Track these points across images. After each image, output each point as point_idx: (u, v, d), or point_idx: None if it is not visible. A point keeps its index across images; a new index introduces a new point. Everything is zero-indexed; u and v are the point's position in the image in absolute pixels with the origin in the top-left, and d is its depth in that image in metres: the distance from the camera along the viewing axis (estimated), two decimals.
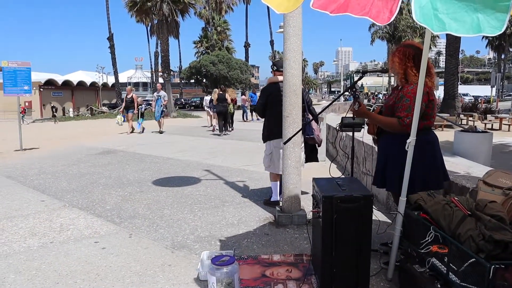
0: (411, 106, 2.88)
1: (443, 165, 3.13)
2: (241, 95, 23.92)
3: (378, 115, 3.27)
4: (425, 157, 2.97)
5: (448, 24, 1.83)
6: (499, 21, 1.76)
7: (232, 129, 15.81)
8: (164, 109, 15.17)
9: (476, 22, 1.79)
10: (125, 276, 3.20)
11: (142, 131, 14.97)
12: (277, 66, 4.96)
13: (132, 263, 3.45)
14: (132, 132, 14.93)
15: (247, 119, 21.83)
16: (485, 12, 1.79)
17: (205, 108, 18.59)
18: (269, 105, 4.88)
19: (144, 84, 62.63)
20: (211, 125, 16.16)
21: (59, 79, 38.88)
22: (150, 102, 15.87)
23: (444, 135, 11.97)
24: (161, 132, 14.76)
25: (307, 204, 4.87)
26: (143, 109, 15.64)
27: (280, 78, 4.76)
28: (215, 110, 14.45)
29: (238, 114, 22.84)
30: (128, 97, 14.93)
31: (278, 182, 4.99)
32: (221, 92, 14.57)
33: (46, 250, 3.76)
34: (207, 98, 18.80)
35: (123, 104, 15.17)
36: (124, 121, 15.11)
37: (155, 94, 15.33)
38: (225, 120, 14.49)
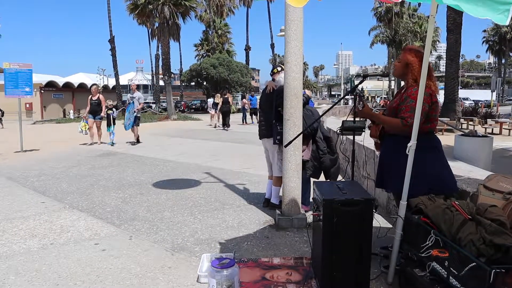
0: (415, 107, 2.89)
1: (449, 169, 3.11)
2: (242, 99, 23.80)
3: (381, 115, 3.29)
4: (428, 161, 2.97)
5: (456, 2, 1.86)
6: (500, 20, 1.80)
7: (229, 126, 18.48)
8: (139, 115, 11.97)
9: (481, 13, 1.83)
10: (125, 278, 3.20)
11: (112, 143, 11.74)
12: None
13: (132, 265, 3.45)
14: (99, 142, 11.95)
15: (246, 122, 21.80)
16: (487, 15, 1.82)
17: (209, 110, 21.03)
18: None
19: (145, 87, 62.72)
20: (216, 125, 19.14)
21: (60, 81, 38.89)
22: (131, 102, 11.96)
23: (444, 139, 11.94)
24: (136, 142, 11.97)
25: None
26: (115, 115, 12.19)
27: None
28: (219, 110, 18.28)
29: (238, 117, 22.92)
30: (93, 99, 11.86)
31: (271, 185, 5.04)
32: (225, 96, 18.66)
33: (46, 252, 3.76)
34: (210, 101, 21.81)
35: (87, 107, 12.01)
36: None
37: (129, 95, 12.14)
38: (228, 118, 18.26)
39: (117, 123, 12.47)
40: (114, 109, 12.30)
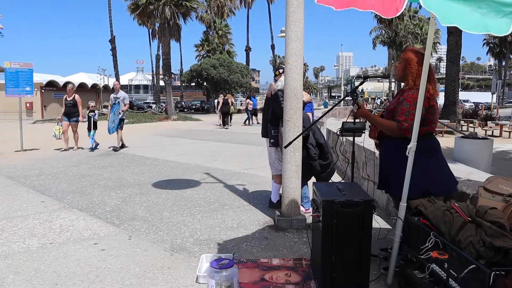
0: (410, 110, 2.90)
1: (449, 171, 3.11)
2: (246, 99, 23.52)
3: (377, 117, 3.29)
4: (427, 163, 2.97)
5: (454, 19, 1.84)
6: (505, 25, 1.78)
7: (231, 125, 20.13)
8: (124, 117, 10.74)
9: (482, 24, 1.82)
10: (124, 278, 3.19)
11: (95, 147, 10.78)
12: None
13: (131, 265, 3.45)
14: (76, 147, 10.70)
15: (251, 123, 21.63)
16: (490, 17, 1.81)
17: (216, 111, 22.48)
18: None
19: (145, 87, 62.82)
20: (224, 124, 19.95)
21: (61, 80, 38.85)
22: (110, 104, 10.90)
23: (444, 141, 11.96)
24: (120, 147, 10.75)
25: None
26: (95, 117, 10.83)
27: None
28: (220, 110, 19.87)
29: (239, 118, 22.90)
30: (68, 99, 10.55)
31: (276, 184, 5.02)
32: (225, 98, 20.20)
33: (46, 251, 3.75)
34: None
35: (63, 109, 10.74)
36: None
37: (112, 96, 10.66)
38: (228, 117, 19.95)
39: (99, 126, 11.19)
40: (95, 111, 11.03)
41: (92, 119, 10.64)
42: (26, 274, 3.28)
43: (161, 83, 39.53)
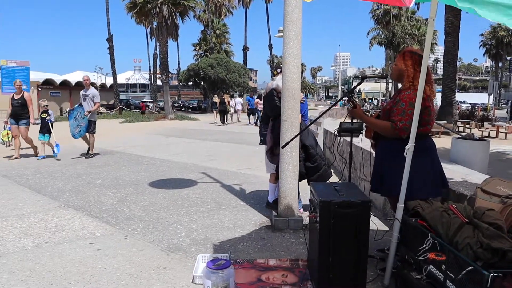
0: (405, 110, 2.90)
1: (442, 172, 3.12)
2: (256, 98, 22.76)
3: (372, 118, 3.29)
4: (421, 164, 2.96)
5: (471, 4, 1.87)
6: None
7: (228, 122, 22.13)
8: (94, 119, 9.17)
9: (494, 18, 1.84)
10: (120, 278, 3.17)
11: (39, 155, 9.00)
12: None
13: (127, 265, 3.42)
14: (40, 152, 9.02)
15: (256, 123, 20.64)
16: (501, 17, 1.83)
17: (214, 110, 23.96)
18: None
19: (142, 86, 62.70)
20: (222, 122, 21.75)
21: (57, 79, 38.68)
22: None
23: (441, 142, 12.00)
24: (90, 154, 9.13)
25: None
26: (52, 119, 9.15)
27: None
28: (217, 109, 21.92)
29: (243, 118, 22.94)
30: (16, 98, 8.72)
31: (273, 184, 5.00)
32: (222, 97, 22.42)
33: (41, 251, 3.72)
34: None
35: (9, 109, 8.87)
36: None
37: (82, 92, 9.16)
38: (224, 116, 21.97)
39: (62, 129, 9.92)
40: (50, 112, 9.23)
41: (45, 121, 9.01)
42: (21, 273, 3.25)
43: (159, 82, 39.48)
